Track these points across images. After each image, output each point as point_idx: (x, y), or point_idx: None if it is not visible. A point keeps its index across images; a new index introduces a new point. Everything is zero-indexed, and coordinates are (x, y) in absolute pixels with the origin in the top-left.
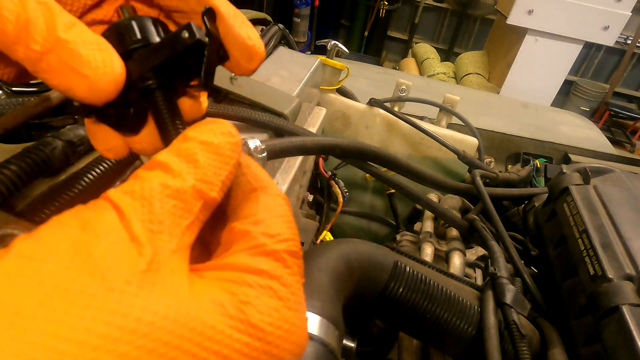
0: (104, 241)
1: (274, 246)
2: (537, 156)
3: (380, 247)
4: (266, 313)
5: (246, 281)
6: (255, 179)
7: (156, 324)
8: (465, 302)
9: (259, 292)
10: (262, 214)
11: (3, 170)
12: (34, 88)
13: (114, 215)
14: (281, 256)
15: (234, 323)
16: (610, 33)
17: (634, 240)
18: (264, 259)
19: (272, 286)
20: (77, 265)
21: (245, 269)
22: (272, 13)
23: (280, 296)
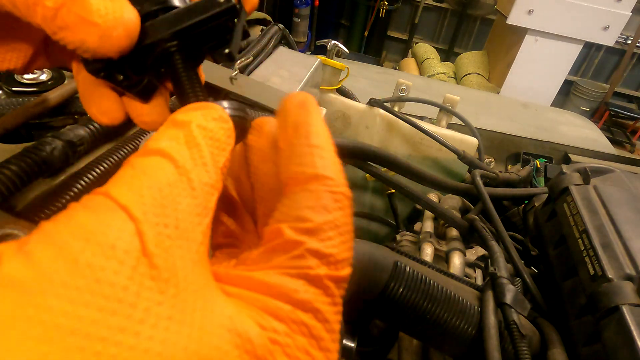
0: (111, 259)
1: (321, 270)
2: (537, 156)
3: (380, 247)
4: (294, 356)
5: (279, 314)
6: (321, 161)
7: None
8: (465, 302)
9: (292, 328)
10: (319, 219)
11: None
12: (34, 88)
13: (123, 219)
14: (325, 283)
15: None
16: (610, 33)
17: (634, 240)
18: (304, 285)
19: (306, 322)
20: (82, 294)
21: (281, 296)
22: (272, 13)
23: (314, 334)
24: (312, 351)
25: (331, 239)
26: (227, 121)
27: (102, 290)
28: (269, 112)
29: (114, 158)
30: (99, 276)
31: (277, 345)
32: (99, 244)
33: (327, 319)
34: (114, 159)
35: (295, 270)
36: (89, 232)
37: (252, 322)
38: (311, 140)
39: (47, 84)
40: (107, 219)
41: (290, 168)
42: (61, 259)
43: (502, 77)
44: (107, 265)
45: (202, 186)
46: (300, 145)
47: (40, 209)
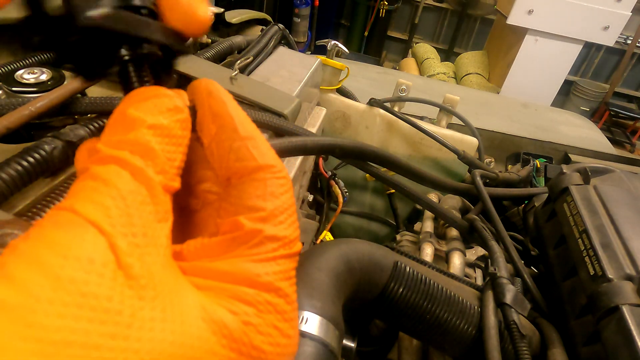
0: (91, 274)
1: (278, 252)
2: (537, 156)
3: (380, 247)
4: (266, 333)
5: (247, 299)
6: (258, 152)
7: (164, 356)
8: (465, 302)
9: (259, 309)
10: (270, 205)
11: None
12: (34, 88)
13: (94, 235)
14: (282, 263)
15: (237, 346)
16: (610, 33)
17: (634, 240)
18: (267, 268)
19: (271, 301)
20: (68, 307)
21: (245, 282)
22: (272, 13)
23: (279, 310)
24: (279, 324)
25: (283, 222)
26: (181, 111)
27: (89, 303)
28: (269, 112)
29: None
30: (83, 290)
31: (250, 325)
32: (77, 259)
33: (287, 293)
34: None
35: (257, 256)
36: (65, 249)
37: (224, 310)
38: (240, 133)
39: (47, 83)
40: (80, 235)
41: (231, 165)
42: (44, 277)
43: (502, 77)
44: (89, 279)
45: (161, 192)
46: (231, 140)
47: (40, 209)
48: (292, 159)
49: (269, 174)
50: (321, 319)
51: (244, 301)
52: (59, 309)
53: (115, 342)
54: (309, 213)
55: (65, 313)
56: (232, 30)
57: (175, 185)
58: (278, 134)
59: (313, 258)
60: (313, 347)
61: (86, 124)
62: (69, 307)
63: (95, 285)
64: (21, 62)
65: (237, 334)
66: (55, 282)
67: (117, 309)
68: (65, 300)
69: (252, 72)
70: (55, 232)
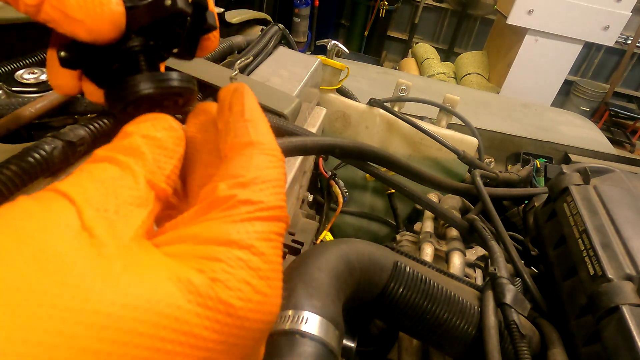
0: (53, 232)
1: (257, 214)
2: (537, 156)
3: (380, 247)
4: (236, 288)
5: (216, 256)
6: (255, 131)
7: (116, 313)
8: (465, 302)
9: (228, 265)
10: (251, 174)
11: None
12: (34, 88)
13: (65, 204)
14: (260, 225)
15: (203, 301)
16: (610, 33)
17: (634, 240)
18: (239, 227)
19: (242, 257)
20: (26, 261)
21: (215, 241)
22: (272, 13)
23: (252, 266)
24: (252, 281)
25: (262, 190)
26: (176, 130)
27: (45, 256)
28: (269, 112)
29: None
30: (39, 243)
31: (218, 282)
32: (41, 220)
33: (262, 252)
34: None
35: (230, 218)
36: (33, 212)
37: (190, 269)
38: (245, 116)
39: (47, 83)
40: (50, 202)
41: (227, 140)
42: (4, 233)
43: (502, 77)
44: (47, 235)
45: (144, 182)
46: (236, 121)
47: None
48: (292, 159)
49: (257, 150)
50: (321, 319)
51: (213, 259)
52: (14, 260)
53: (62, 300)
54: (309, 213)
55: (19, 264)
56: (232, 30)
57: (164, 187)
58: (278, 134)
59: (313, 258)
60: (313, 347)
61: (86, 124)
62: (22, 259)
63: (53, 240)
64: (21, 62)
65: (204, 289)
66: (17, 238)
67: (69, 268)
68: (21, 253)
69: (252, 72)
70: (30, 201)
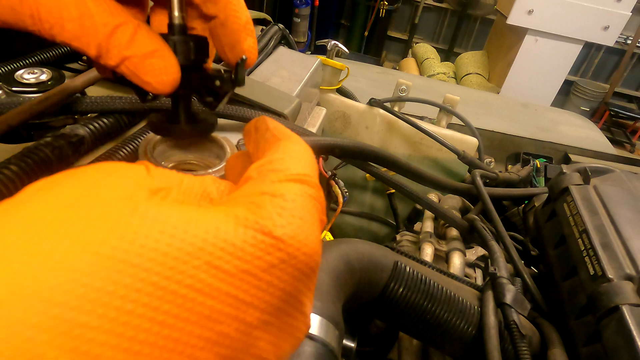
0: (119, 180)
1: (290, 174)
2: (537, 156)
3: (380, 247)
4: (286, 227)
5: (263, 202)
6: (281, 133)
7: (176, 239)
8: (465, 302)
9: (276, 209)
10: (278, 155)
11: (3, 170)
12: (34, 88)
13: (139, 166)
14: (291, 185)
15: (256, 234)
16: (610, 33)
17: (634, 240)
18: (278, 185)
19: (283, 206)
20: (103, 199)
21: (262, 193)
22: (272, 13)
23: (294, 214)
24: (298, 223)
25: (289, 161)
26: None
27: (110, 201)
28: (269, 112)
29: (114, 158)
30: (102, 193)
31: (269, 219)
32: (108, 170)
33: (303, 205)
34: (114, 159)
35: (262, 182)
36: (103, 168)
37: (244, 209)
38: (270, 129)
39: (47, 84)
40: (119, 164)
41: (259, 152)
42: (75, 183)
43: (502, 77)
44: (112, 183)
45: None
46: (263, 134)
47: None
48: None
49: (285, 141)
50: (321, 319)
51: (262, 203)
52: (83, 207)
53: (125, 228)
54: None
55: (92, 213)
56: None
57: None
58: None
59: None
60: (313, 347)
61: (86, 124)
62: (103, 199)
63: (118, 185)
64: (21, 62)
65: (255, 225)
66: (81, 184)
67: (135, 204)
68: (89, 201)
69: (252, 72)
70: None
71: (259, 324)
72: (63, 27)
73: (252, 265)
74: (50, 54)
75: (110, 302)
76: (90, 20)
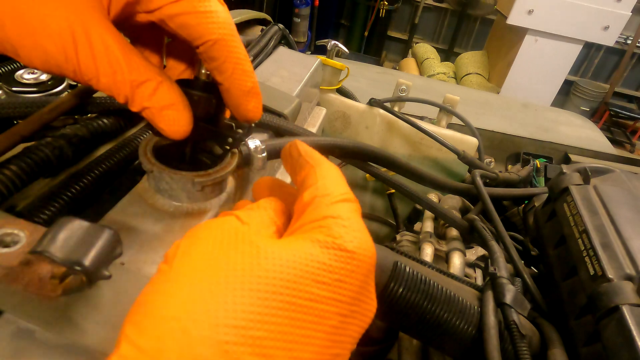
0: (222, 229)
1: (336, 198)
2: (537, 156)
3: (380, 247)
4: (353, 241)
5: (329, 225)
6: (311, 159)
7: (287, 273)
8: (465, 302)
9: (340, 228)
10: (320, 182)
11: (3, 170)
12: (34, 88)
13: (231, 218)
14: (341, 205)
15: (336, 252)
16: (610, 33)
17: (634, 240)
18: (332, 208)
19: (345, 224)
20: (219, 247)
21: (325, 217)
22: (272, 13)
23: (354, 228)
24: (355, 234)
25: (332, 184)
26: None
27: (228, 242)
28: (269, 112)
29: (114, 158)
30: (221, 236)
31: (340, 238)
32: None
33: (356, 219)
34: (114, 159)
35: (322, 205)
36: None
37: (317, 233)
38: (302, 154)
39: (47, 84)
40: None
41: (296, 176)
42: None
43: (502, 77)
44: (221, 227)
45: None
46: (297, 160)
47: (40, 209)
48: None
49: (319, 167)
50: None
51: (328, 225)
52: (210, 247)
53: (248, 261)
54: None
55: (214, 252)
56: None
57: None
58: (278, 134)
59: None
60: None
61: (86, 124)
62: (216, 245)
63: (234, 236)
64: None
65: (331, 243)
66: (213, 240)
67: (255, 250)
68: (214, 242)
69: None
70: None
71: (349, 313)
72: (99, 80)
73: (340, 275)
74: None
75: (263, 316)
76: (121, 76)
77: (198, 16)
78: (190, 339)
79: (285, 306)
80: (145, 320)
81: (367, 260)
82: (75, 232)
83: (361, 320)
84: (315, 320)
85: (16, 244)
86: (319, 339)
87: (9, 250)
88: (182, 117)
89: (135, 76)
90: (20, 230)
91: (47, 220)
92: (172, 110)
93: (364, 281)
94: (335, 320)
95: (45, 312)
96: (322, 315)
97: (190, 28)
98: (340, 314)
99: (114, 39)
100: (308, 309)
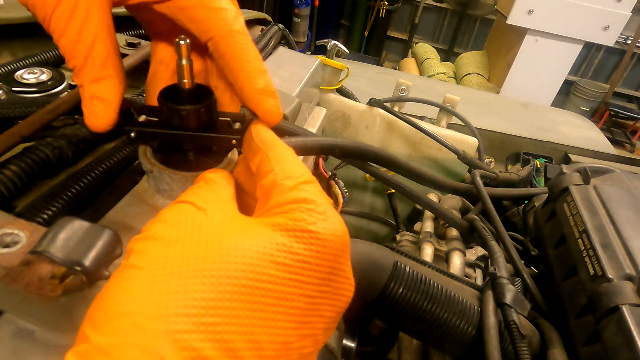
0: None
1: (296, 181)
2: (537, 156)
3: (380, 247)
4: (317, 222)
5: (292, 209)
6: (264, 143)
7: (246, 251)
8: (465, 302)
9: (304, 212)
10: (277, 166)
11: (3, 170)
12: (34, 88)
13: (188, 205)
14: (303, 187)
15: (297, 233)
16: (610, 33)
17: (634, 240)
18: (295, 192)
19: (309, 207)
20: (171, 226)
21: (287, 202)
22: (272, 13)
23: (318, 211)
24: (319, 215)
25: (289, 168)
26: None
27: (179, 220)
28: None
29: (114, 158)
30: (177, 216)
31: (301, 221)
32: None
33: (319, 201)
34: (114, 159)
35: (284, 190)
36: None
37: (281, 217)
38: (254, 139)
39: (47, 83)
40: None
41: (250, 155)
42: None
43: (502, 77)
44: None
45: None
46: (249, 144)
47: (40, 209)
48: None
49: (272, 151)
50: None
51: (292, 210)
52: (182, 245)
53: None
54: None
55: (191, 248)
56: None
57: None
58: (278, 134)
59: None
60: None
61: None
62: (170, 225)
63: (193, 222)
64: (21, 62)
65: (295, 226)
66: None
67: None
68: (170, 234)
69: None
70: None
71: (317, 294)
72: (59, 39)
73: (303, 255)
74: (50, 54)
75: (217, 302)
76: (83, 47)
77: (207, 11)
78: (142, 332)
79: (241, 290)
80: (101, 316)
81: (334, 240)
82: (76, 232)
83: (335, 300)
84: (275, 302)
85: (16, 244)
86: (280, 320)
87: (9, 250)
88: (106, 116)
89: (95, 55)
90: (20, 230)
91: (47, 221)
92: (102, 105)
93: (334, 260)
94: (301, 302)
95: (45, 312)
96: (282, 297)
97: (199, 22)
98: (306, 295)
99: (99, 14)
100: (266, 291)
